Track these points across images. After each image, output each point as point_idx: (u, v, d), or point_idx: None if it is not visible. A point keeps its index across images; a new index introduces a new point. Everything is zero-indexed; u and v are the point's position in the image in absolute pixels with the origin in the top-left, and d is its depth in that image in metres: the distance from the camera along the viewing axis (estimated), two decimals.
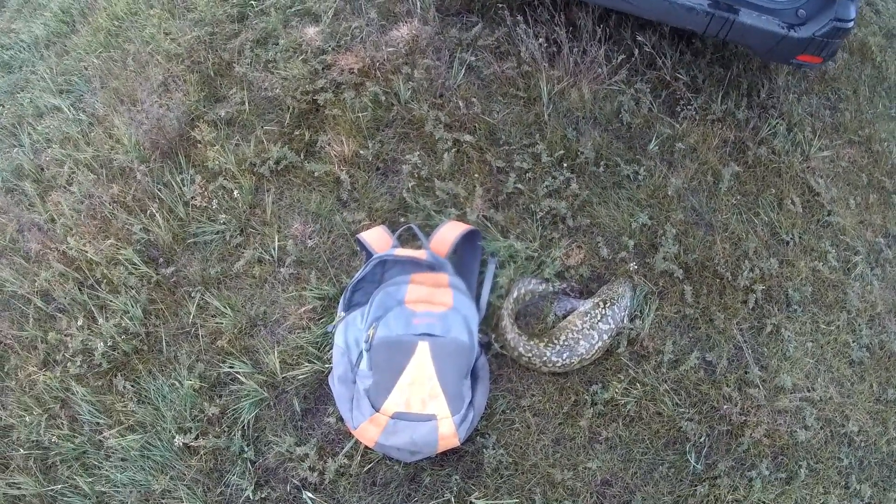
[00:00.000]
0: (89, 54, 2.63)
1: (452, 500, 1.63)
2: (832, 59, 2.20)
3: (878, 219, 2.30)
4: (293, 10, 2.51)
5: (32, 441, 1.77)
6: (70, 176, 2.25)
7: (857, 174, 2.38)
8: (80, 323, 1.91)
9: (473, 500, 1.63)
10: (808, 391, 1.90)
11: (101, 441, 1.76)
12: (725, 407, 1.80)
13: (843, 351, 2.01)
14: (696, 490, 1.71)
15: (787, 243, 2.14)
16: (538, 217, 2.05)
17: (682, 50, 2.48)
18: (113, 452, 1.74)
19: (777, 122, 2.33)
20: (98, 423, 1.78)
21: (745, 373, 1.89)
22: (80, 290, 1.98)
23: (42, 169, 2.33)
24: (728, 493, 1.71)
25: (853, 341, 2.02)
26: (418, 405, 1.58)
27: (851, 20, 1.97)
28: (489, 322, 1.87)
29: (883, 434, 1.91)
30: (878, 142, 2.47)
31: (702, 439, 1.78)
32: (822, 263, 2.12)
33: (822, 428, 1.86)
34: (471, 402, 1.66)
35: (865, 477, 1.84)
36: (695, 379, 1.85)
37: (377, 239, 1.82)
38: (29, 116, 2.55)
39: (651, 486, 1.72)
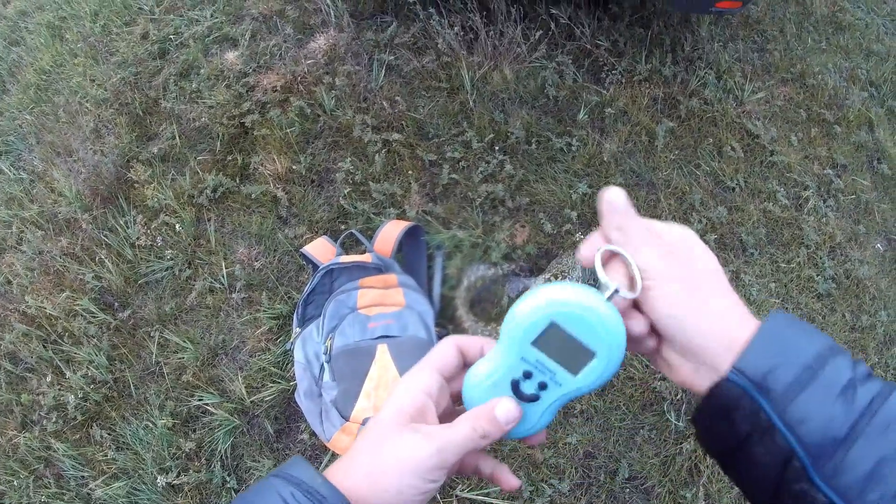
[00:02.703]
0: (22, 112, 2.62)
1: (437, 496, 1.63)
2: (752, 2, 2.19)
3: (822, 151, 2.29)
4: (211, 38, 2.50)
5: None
6: (19, 235, 2.23)
7: (794, 111, 2.37)
8: (49, 380, 1.90)
9: (459, 493, 1.63)
10: None
11: (88, 494, 1.74)
12: None
13: (808, 286, 2.00)
14: (682, 447, 1.71)
15: (733, 189, 2.13)
16: (477, 203, 2.04)
17: (599, 17, 2.45)
18: None
19: (705, 73, 2.32)
20: (83, 477, 1.77)
21: None
22: (44, 346, 1.97)
23: None
24: None
25: (817, 275, 2.01)
26: None
27: None
28: (445, 315, 1.86)
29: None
30: (811, 76, 2.46)
31: (678, 397, 1.77)
32: (772, 203, 2.11)
33: None
34: None
35: None
36: None
37: (321, 250, 1.81)
38: None
39: (635, 451, 1.72)
